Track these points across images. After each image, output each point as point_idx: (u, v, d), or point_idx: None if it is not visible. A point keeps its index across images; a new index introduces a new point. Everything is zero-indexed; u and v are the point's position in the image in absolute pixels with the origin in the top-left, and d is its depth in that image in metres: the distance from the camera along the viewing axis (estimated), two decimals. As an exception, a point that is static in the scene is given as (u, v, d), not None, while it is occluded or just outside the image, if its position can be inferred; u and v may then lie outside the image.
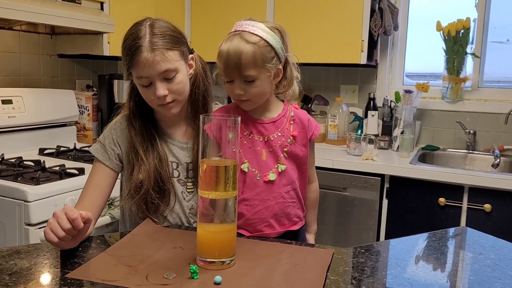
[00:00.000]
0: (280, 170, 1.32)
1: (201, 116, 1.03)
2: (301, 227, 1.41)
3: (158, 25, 1.25)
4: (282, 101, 1.38)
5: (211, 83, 1.41)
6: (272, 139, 1.32)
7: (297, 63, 1.35)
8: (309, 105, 2.93)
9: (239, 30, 1.24)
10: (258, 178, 1.31)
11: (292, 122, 1.35)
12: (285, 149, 1.33)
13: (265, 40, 1.23)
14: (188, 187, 1.36)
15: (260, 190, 1.31)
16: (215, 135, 1.31)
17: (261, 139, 1.32)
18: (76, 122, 2.66)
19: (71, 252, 1.09)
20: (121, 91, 2.69)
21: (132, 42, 1.23)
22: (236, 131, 1.04)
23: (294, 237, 1.36)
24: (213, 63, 1.27)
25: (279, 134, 1.33)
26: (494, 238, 1.29)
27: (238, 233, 1.37)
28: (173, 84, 1.26)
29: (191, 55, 1.34)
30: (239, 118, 1.06)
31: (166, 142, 1.37)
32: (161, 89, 1.24)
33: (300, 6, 2.67)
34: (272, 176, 1.31)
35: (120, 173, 1.39)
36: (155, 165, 1.30)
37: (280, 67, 1.28)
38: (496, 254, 1.18)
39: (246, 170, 1.30)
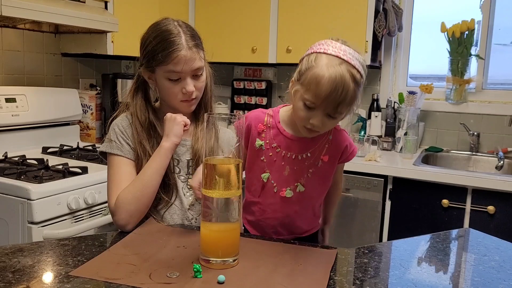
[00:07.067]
0: (298, 190, 1.27)
1: (205, 115, 1.05)
2: (313, 232, 1.39)
3: (185, 25, 1.31)
4: None
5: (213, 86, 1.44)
6: (300, 158, 1.26)
7: None
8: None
9: (343, 60, 1.13)
10: (275, 191, 1.28)
11: (327, 145, 1.27)
12: (310, 170, 1.27)
13: (363, 79, 1.15)
14: (188, 183, 1.36)
15: (274, 202, 1.29)
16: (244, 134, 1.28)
17: (288, 155, 1.26)
18: (79, 121, 2.67)
19: (74, 250, 1.09)
20: (124, 90, 2.69)
21: (169, 37, 1.26)
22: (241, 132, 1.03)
23: (309, 240, 1.32)
24: (216, 63, 1.28)
25: (309, 155, 1.26)
26: (498, 239, 1.29)
27: (246, 230, 1.36)
28: (198, 81, 1.32)
29: None
30: (245, 117, 1.05)
31: None
32: (191, 85, 1.29)
33: (303, 7, 2.66)
34: (288, 193, 1.27)
35: None
36: None
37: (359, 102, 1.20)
38: (501, 256, 1.17)
39: (265, 180, 1.28)
